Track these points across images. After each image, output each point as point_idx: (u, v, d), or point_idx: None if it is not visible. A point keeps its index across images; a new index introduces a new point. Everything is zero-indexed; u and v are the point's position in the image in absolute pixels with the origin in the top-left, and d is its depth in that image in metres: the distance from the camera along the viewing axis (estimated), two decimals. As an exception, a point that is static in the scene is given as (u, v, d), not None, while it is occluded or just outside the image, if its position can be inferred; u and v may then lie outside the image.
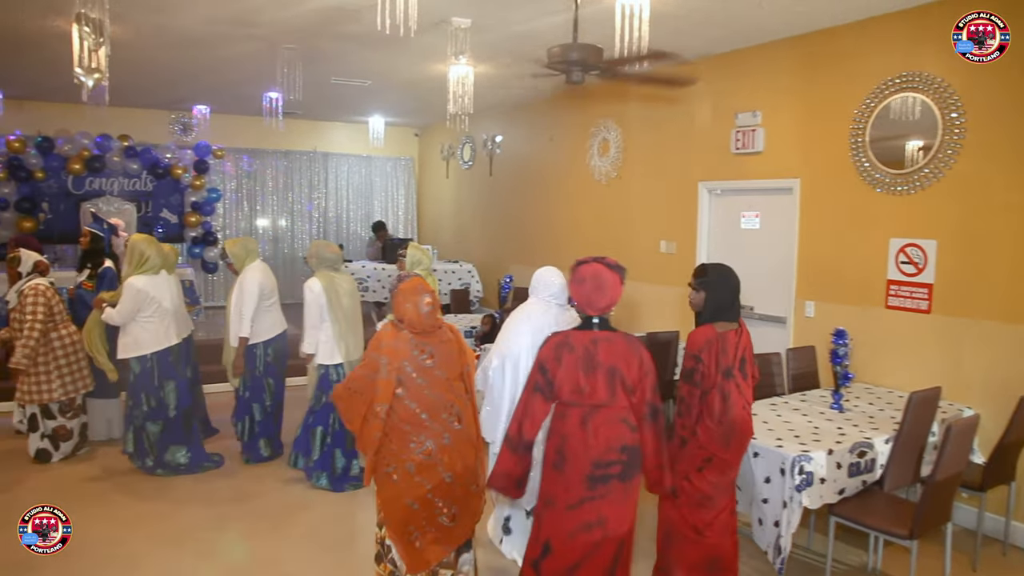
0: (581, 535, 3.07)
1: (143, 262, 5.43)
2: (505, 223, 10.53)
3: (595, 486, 3.06)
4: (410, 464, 3.19)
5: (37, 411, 5.67)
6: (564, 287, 4.08)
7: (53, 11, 5.60)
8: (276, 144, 11.79)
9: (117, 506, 5.05)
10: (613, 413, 3.10)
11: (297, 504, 5.12)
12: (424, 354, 3.23)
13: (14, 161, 9.72)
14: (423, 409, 3.20)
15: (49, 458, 5.73)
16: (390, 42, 6.49)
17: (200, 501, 5.14)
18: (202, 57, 7.31)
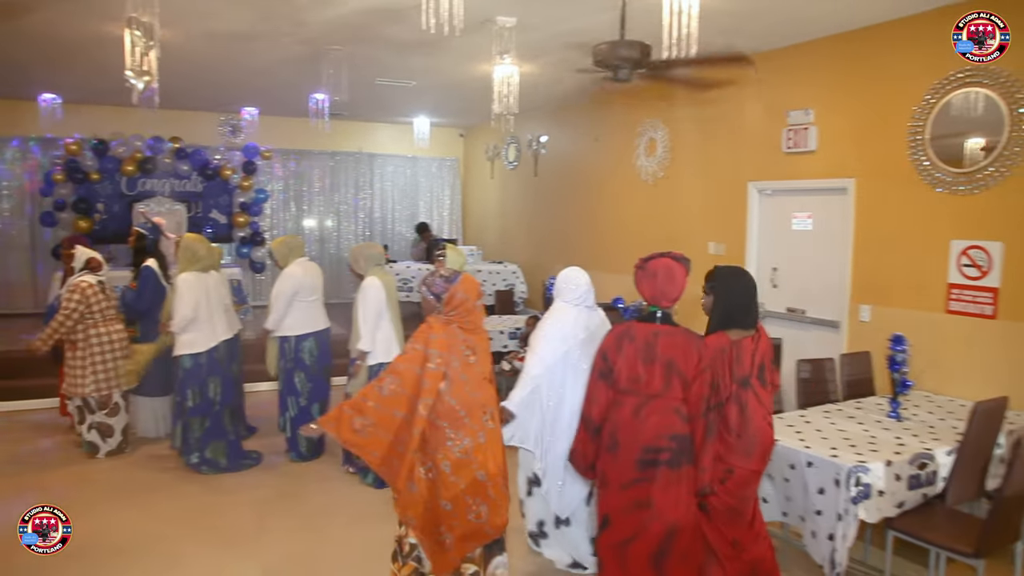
0: (633, 512, 3.26)
1: (195, 260, 5.59)
2: (550, 224, 10.45)
3: (644, 469, 3.23)
4: (446, 463, 3.16)
5: (82, 403, 5.82)
6: (590, 287, 4.01)
7: (107, 17, 5.69)
8: (322, 145, 11.88)
9: (163, 502, 5.11)
10: (666, 403, 3.24)
11: (339, 502, 5.12)
12: (469, 350, 3.23)
13: (71, 163, 9.98)
14: (462, 406, 3.17)
15: (97, 450, 5.86)
16: (435, 42, 6.46)
17: (244, 499, 5.18)
18: (250, 60, 7.39)
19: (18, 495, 5.19)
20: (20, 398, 7.23)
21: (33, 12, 5.73)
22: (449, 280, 3.30)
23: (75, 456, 5.88)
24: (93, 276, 5.85)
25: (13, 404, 7.20)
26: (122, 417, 5.99)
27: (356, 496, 5.25)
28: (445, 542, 3.23)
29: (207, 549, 4.41)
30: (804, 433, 4.05)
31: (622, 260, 8.24)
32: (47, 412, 6.84)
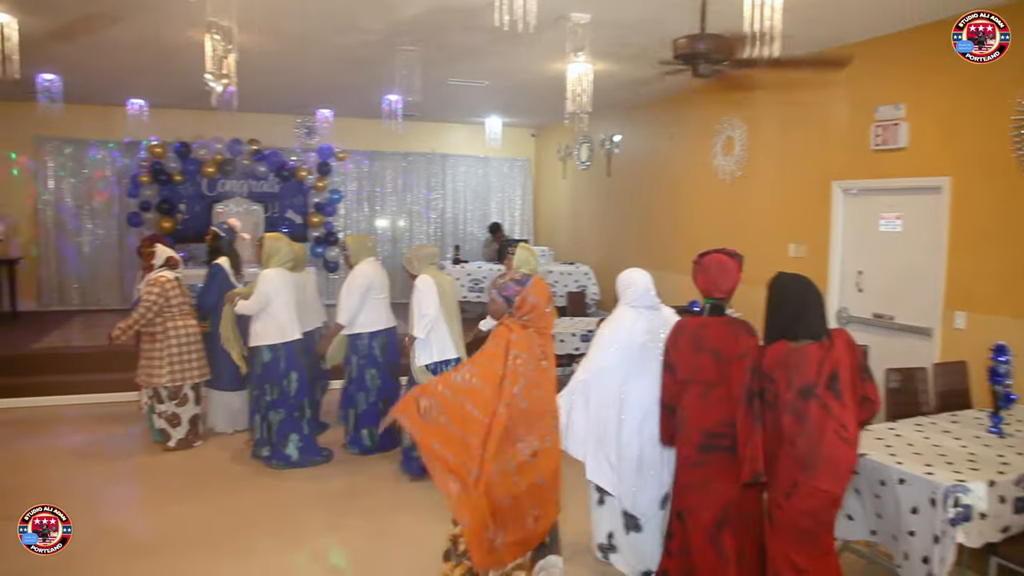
0: (693, 491, 3.49)
1: (276, 257, 5.74)
2: (623, 224, 10.28)
3: (704, 453, 3.43)
4: (512, 463, 3.13)
5: (152, 395, 5.98)
6: (649, 287, 3.97)
7: (188, 23, 5.82)
8: (395, 146, 11.98)
9: (234, 496, 5.19)
10: (726, 391, 3.37)
11: (407, 500, 5.13)
12: (543, 354, 3.23)
13: (156, 165, 10.34)
14: (534, 410, 3.17)
15: (168, 438, 6.01)
16: (507, 41, 6.40)
17: (314, 495, 5.22)
18: (324, 62, 7.47)
19: (94, 485, 5.35)
20: (106, 391, 7.47)
21: (119, 22, 5.92)
22: (520, 283, 3.26)
23: (148, 447, 6.05)
24: (171, 272, 6.03)
25: (98, 396, 7.47)
26: (190, 408, 6.12)
27: (424, 494, 5.22)
28: (495, 542, 3.16)
29: (278, 544, 4.45)
30: (895, 447, 3.82)
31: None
32: (130, 405, 7.04)
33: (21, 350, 8.07)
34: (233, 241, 6.79)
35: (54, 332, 9.04)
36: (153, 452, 5.96)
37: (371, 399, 5.91)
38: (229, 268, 6.51)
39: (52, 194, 10.81)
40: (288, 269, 5.84)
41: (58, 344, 8.49)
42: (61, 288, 10.93)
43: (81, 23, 5.99)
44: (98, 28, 6.10)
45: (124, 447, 6.13)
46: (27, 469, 5.61)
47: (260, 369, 5.68)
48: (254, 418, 5.79)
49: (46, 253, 10.82)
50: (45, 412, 7.14)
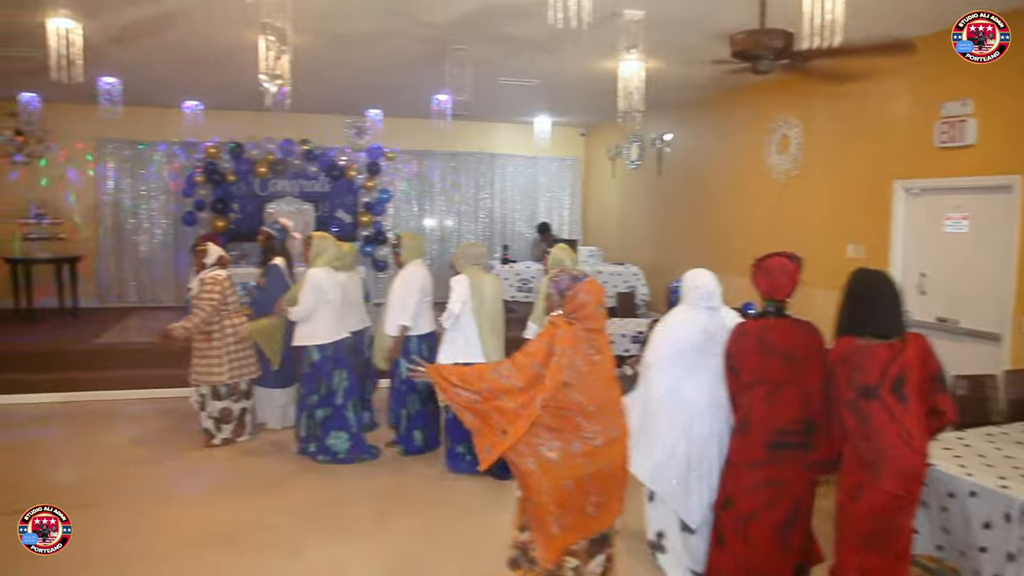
0: (760, 490, 3.46)
1: (323, 256, 5.77)
2: (673, 224, 10.13)
3: (776, 451, 3.44)
4: (577, 444, 3.12)
5: (208, 392, 6.04)
6: (711, 290, 3.91)
7: (244, 24, 5.88)
8: (444, 146, 11.99)
9: (282, 492, 5.22)
10: (796, 390, 3.41)
11: (456, 500, 5.11)
12: (593, 350, 3.19)
13: (210, 166, 10.53)
14: (592, 401, 3.13)
15: (212, 437, 6.08)
16: (559, 39, 6.35)
17: (364, 494, 5.24)
18: (375, 62, 7.50)
19: (147, 479, 5.44)
20: (162, 386, 7.61)
21: (177, 25, 6.01)
22: (576, 279, 3.26)
23: (199, 444, 6.12)
24: (224, 271, 6.11)
25: (154, 392, 7.61)
26: (244, 404, 6.21)
27: (474, 493, 5.22)
28: (552, 529, 3.16)
29: (327, 542, 4.47)
30: (964, 458, 3.65)
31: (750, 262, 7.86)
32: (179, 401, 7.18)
33: (83, 345, 8.28)
34: (285, 240, 6.85)
35: (113, 328, 9.26)
36: (202, 449, 6.04)
37: (423, 400, 5.92)
38: (284, 267, 6.58)
39: (111, 194, 11.09)
40: (337, 268, 5.88)
41: (117, 340, 8.69)
42: (120, 285, 11.21)
43: (139, 26, 6.11)
44: (155, 31, 6.21)
45: (177, 443, 6.22)
46: (86, 462, 5.75)
47: (308, 368, 5.72)
48: (300, 416, 5.83)
49: (105, 251, 11.12)
50: (104, 406, 7.32)
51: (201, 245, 6.27)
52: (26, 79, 8.58)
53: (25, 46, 6.81)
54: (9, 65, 7.72)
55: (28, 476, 5.43)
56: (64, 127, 10.67)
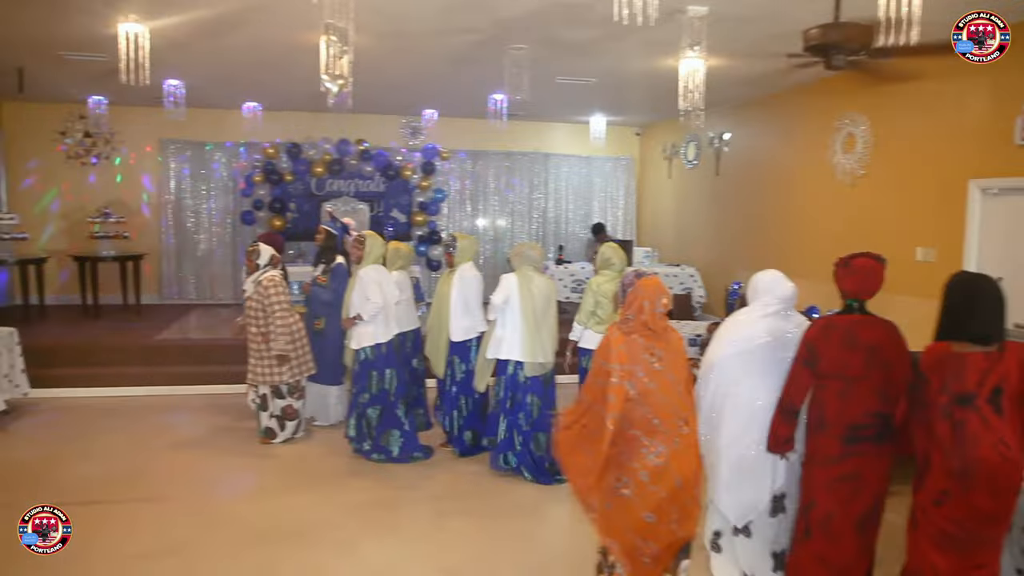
0: (839, 486, 3.47)
1: (373, 255, 5.81)
2: (731, 225, 9.93)
3: (851, 445, 3.45)
4: (644, 472, 3.11)
5: (268, 392, 6.08)
6: (788, 293, 3.79)
7: (305, 26, 5.94)
8: (498, 145, 11.98)
9: (338, 490, 5.24)
10: (869, 385, 3.43)
11: (513, 502, 5.07)
12: (654, 357, 3.16)
13: (269, 166, 10.70)
14: (655, 414, 3.12)
15: (274, 436, 6.14)
16: (618, 36, 6.27)
17: (420, 494, 5.23)
18: (432, 62, 7.51)
19: (206, 475, 5.52)
20: (221, 382, 7.74)
21: (242, 27, 6.09)
22: (639, 275, 3.25)
23: (254, 439, 6.19)
24: (277, 271, 6.14)
25: (214, 388, 7.75)
26: (303, 401, 6.27)
27: (530, 496, 5.18)
28: (645, 562, 3.16)
29: (384, 542, 4.46)
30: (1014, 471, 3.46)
31: (813, 265, 7.63)
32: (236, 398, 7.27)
33: (145, 341, 8.48)
34: (344, 239, 6.89)
35: (174, 325, 9.46)
36: (260, 446, 6.11)
37: (473, 401, 5.91)
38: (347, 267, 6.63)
39: (173, 193, 11.36)
40: (402, 268, 5.98)
41: (177, 336, 8.87)
42: (179, 283, 11.48)
43: (203, 29, 6.21)
44: (222, 33, 6.31)
45: (234, 439, 6.30)
46: (148, 456, 5.85)
47: (358, 367, 5.74)
48: (352, 414, 5.85)
49: (167, 250, 11.39)
50: (164, 401, 7.47)
51: (253, 245, 6.31)
52: (95, 83, 8.85)
53: (96, 51, 7.02)
54: (80, 69, 7.94)
55: (92, 468, 5.55)
56: (129, 129, 10.98)
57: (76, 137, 10.92)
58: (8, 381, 6.73)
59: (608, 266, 5.66)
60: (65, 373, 7.64)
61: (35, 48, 7.12)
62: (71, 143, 10.93)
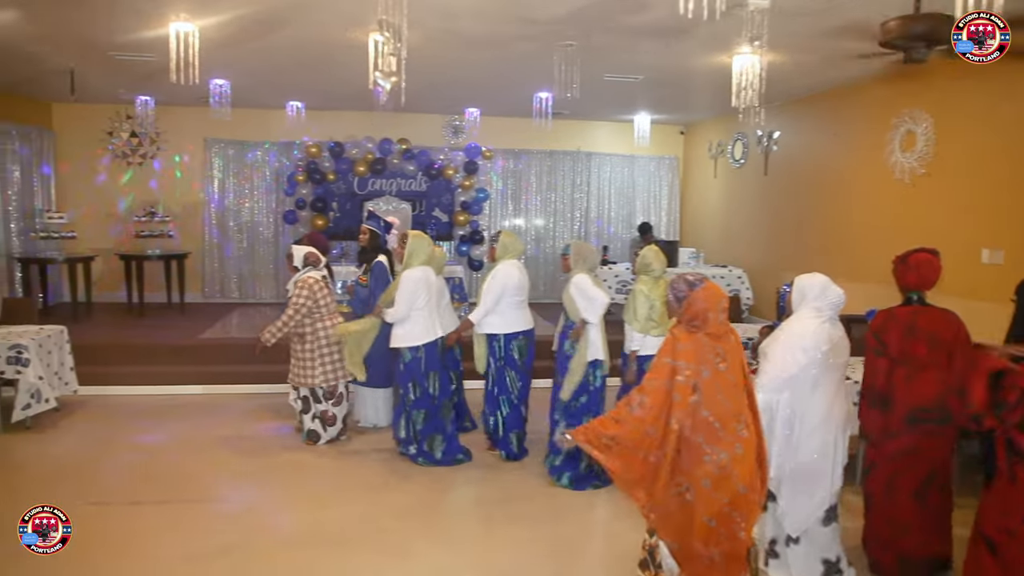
0: (899, 459, 3.82)
1: (417, 256, 5.68)
2: (781, 226, 9.69)
3: (914, 426, 3.77)
4: (706, 480, 3.04)
5: (309, 394, 6.04)
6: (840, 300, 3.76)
7: (353, 23, 5.87)
8: (540, 144, 11.87)
9: (386, 494, 5.16)
10: (936, 374, 3.69)
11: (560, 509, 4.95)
12: (719, 357, 3.08)
13: (311, 165, 10.70)
14: (716, 418, 3.05)
15: (318, 439, 6.07)
16: (671, 32, 6.11)
17: (469, 499, 5.15)
18: (481, 60, 7.40)
19: (251, 477, 5.46)
20: (263, 382, 7.71)
21: (289, 24, 6.05)
22: (692, 285, 3.14)
23: (300, 443, 6.13)
24: (317, 272, 6.06)
25: (256, 387, 7.73)
26: (344, 407, 6.20)
27: (579, 500, 5.07)
28: (714, 560, 3.07)
29: (435, 548, 4.37)
30: None
31: (868, 267, 7.42)
32: (279, 397, 7.24)
33: (189, 340, 8.51)
34: (388, 237, 6.83)
35: (217, 324, 9.49)
36: (305, 448, 6.06)
37: (513, 402, 5.80)
38: (388, 266, 6.55)
39: (216, 192, 11.43)
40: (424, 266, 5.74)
41: (220, 336, 8.89)
42: (222, 282, 11.55)
43: (251, 28, 6.18)
44: (270, 31, 6.27)
45: (278, 440, 6.26)
46: (192, 457, 5.84)
47: (403, 369, 5.67)
48: (399, 417, 5.78)
49: (210, 248, 11.46)
50: (208, 399, 7.47)
51: (289, 250, 6.22)
52: (142, 83, 8.91)
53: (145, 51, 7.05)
54: (129, 70, 7.99)
55: (138, 468, 5.55)
56: (174, 128, 11.07)
57: (123, 137, 11.04)
58: (58, 379, 6.78)
59: (647, 271, 5.56)
60: (112, 371, 7.68)
61: (86, 49, 7.17)
62: (118, 143, 11.06)
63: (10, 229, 9.67)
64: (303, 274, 6.01)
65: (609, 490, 5.09)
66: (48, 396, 6.36)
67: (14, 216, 9.74)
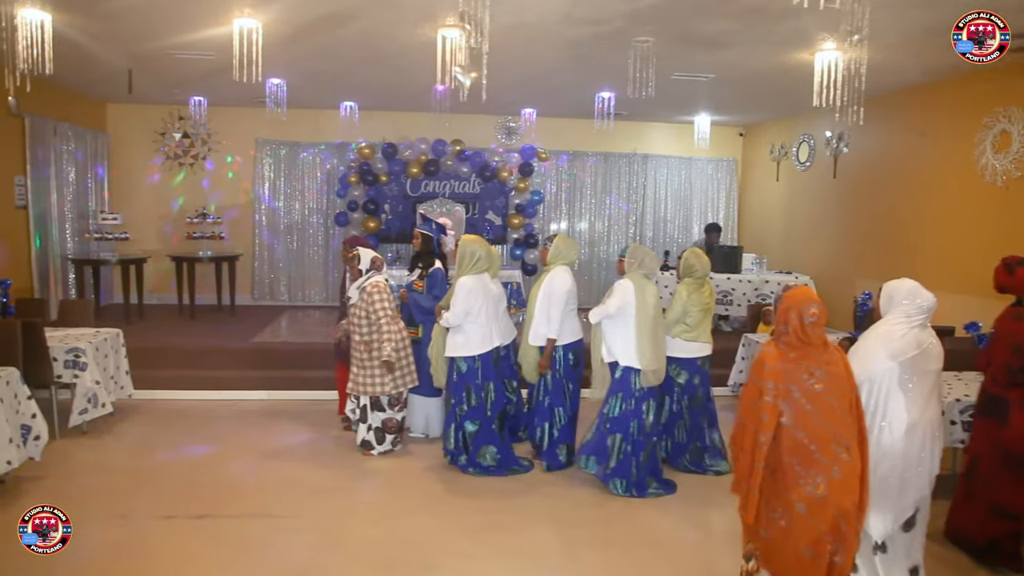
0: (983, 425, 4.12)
1: (474, 263, 5.49)
2: (852, 232, 9.28)
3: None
4: (801, 504, 2.99)
5: (368, 403, 5.83)
6: (931, 304, 3.68)
7: (424, 17, 5.65)
8: (595, 146, 11.58)
9: (454, 510, 4.94)
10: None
11: (642, 528, 4.68)
12: (813, 378, 3.02)
13: (364, 166, 10.52)
14: (812, 440, 2.99)
15: (372, 449, 5.88)
16: (753, 26, 5.81)
17: (540, 518, 4.84)
18: (545, 57, 7.13)
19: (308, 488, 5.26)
20: (312, 388, 7.54)
21: (358, 20, 5.83)
22: (787, 288, 3.20)
23: (352, 453, 5.93)
24: (381, 276, 5.87)
25: (305, 393, 7.55)
26: (404, 413, 6.02)
27: (662, 522, 4.80)
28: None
29: (517, 573, 4.12)
30: None
31: (956, 277, 7.03)
32: (325, 404, 7.06)
33: (241, 344, 8.37)
34: (441, 242, 6.61)
35: (268, 327, 9.34)
36: (357, 459, 5.85)
37: (570, 413, 5.63)
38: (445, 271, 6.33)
39: (267, 193, 11.32)
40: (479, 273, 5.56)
41: (273, 339, 8.75)
42: (271, 284, 11.43)
43: (318, 24, 5.99)
44: (333, 28, 6.07)
45: (334, 449, 6.08)
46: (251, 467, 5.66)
47: (456, 379, 5.50)
48: (449, 427, 5.60)
49: (259, 250, 11.36)
50: (262, 406, 7.30)
51: (351, 251, 6.02)
52: (196, 83, 8.82)
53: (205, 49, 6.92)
54: (186, 69, 7.88)
55: (198, 478, 5.37)
56: (226, 129, 11.01)
57: (175, 138, 10.99)
58: (114, 383, 6.67)
59: (691, 273, 5.57)
60: (165, 375, 7.56)
61: (146, 47, 7.05)
62: (170, 144, 11.01)
63: (65, 230, 9.63)
64: (369, 279, 5.81)
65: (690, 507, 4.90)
66: (104, 401, 6.25)
67: (69, 217, 9.71)
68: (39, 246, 9.02)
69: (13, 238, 8.64)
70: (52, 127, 9.26)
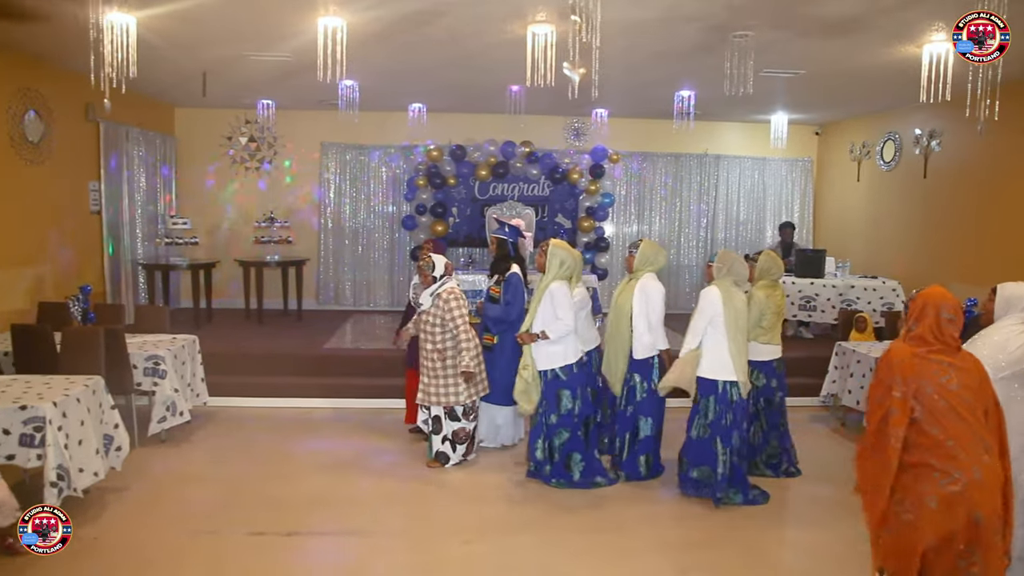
0: None
1: (563, 269, 5.36)
2: (946, 234, 8.79)
3: None
4: (932, 498, 2.87)
5: (442, 413, 5.65)
6: None
7: (515, 14, 5.41)
8: (666, 147, 11.25)
9: (550, 530, 4.72)
10: None
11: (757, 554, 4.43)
12: (946, 375, 2.94)
13: (432, 169, 10.36)
14: (949, 436, 2.89)
15: (447, 460, 5.71)
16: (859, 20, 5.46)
17: (647, 540, 4.60)
18: (632, 55, 6.81)
19: (395, 506, 5.08)
20: (384, 396, 7.38)
21: (445, 17, 5.62)
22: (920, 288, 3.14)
23: (422, 465, 5.76)
24: (454, 282, 5.73)
25: (376, 402, 7.39)
26: (476, 423, 5.86)
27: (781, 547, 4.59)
28: None
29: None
30: None
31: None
32: (394, 413, 6.90)
33: (313, 350, 8.26)
34: (516, 244, 6.39)
35: (335, 333, 9.22)
36: (437, 471, 5.67)
37: (657, 424, 5.48)
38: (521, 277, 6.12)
39: (333, 197, 11.22)
40: (566, 278, 5.40)
41: (343, 346, 8.62)
42: (337, 288, 11.33)
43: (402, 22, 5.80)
44: (419, 26, 5.87)
45: (406, 460, 5.91)
46: (332, 479, 5.51)
47: (545, 387, 5.32)
48: (536, 438, 5.41)
49: (325, 254, 11.26)
50: (334, 414, 7.15)
51: (423, 257, 5.84)
52: (265, 86, 8.73)
53: (280, 51, 6.80)
54: (258, 71, 7.78)
55: (280, 491, 5.23)
56: (292, 133, 10.94)
57: (241, 142, 10.96)
58: (191, 390, 6.60)
59: (767, 275, 5.52)
60: (237, 381, 7.47)
61: (222, 51, 6.96)
62: (237, 148, 10.98)
63: (136, 235, 9.64)
64: (443, 285, 5.62)
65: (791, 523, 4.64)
66: (183, 409, 6.17)
67: (139, 222, 9.72)
68: (112, 252, 9.03)
69: (88, 244, 8.65)
70: (125, 132, 9.27)
